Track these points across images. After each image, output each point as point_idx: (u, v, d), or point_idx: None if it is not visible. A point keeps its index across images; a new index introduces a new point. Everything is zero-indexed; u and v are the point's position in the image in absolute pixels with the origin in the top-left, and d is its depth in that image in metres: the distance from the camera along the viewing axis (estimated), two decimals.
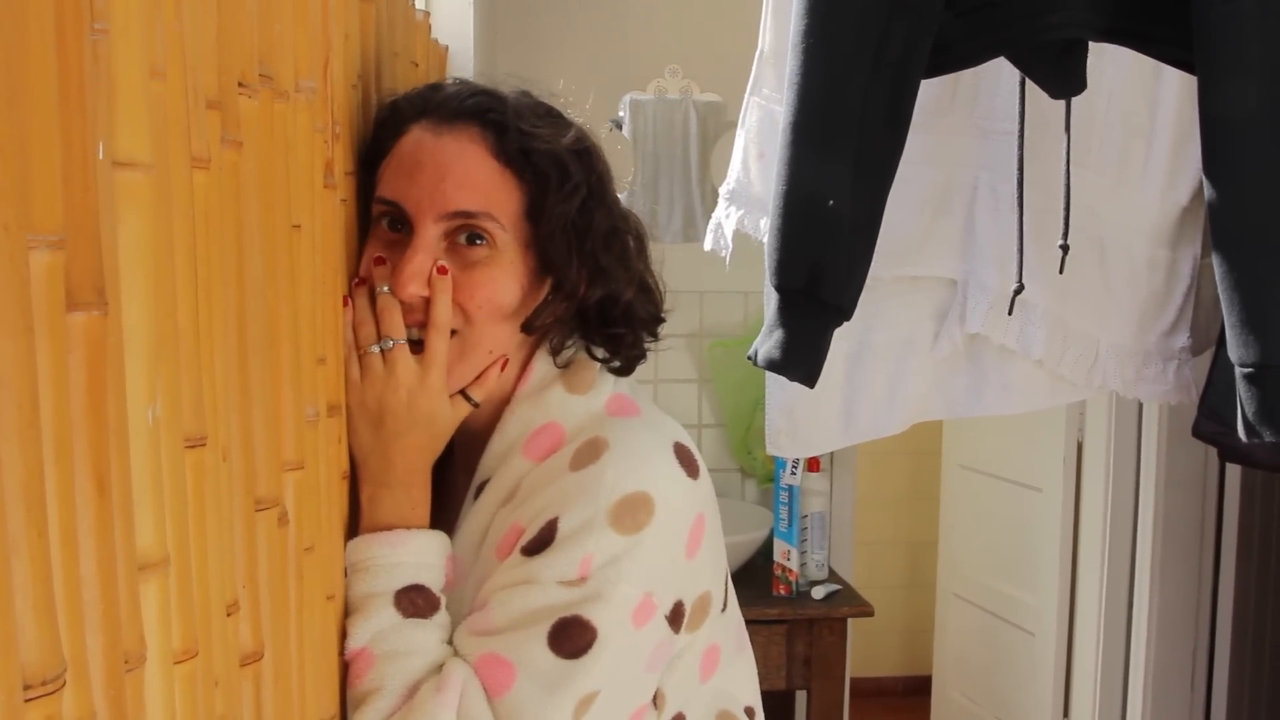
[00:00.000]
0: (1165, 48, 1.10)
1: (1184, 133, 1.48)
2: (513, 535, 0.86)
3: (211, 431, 0.54)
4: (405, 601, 0.85)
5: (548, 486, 0.86)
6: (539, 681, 0.81)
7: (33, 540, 0.37)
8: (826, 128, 1.03)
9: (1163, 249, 1.53)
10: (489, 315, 0.87)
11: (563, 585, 0.82)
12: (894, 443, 1.73)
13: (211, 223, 0.55)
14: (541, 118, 0.89)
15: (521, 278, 0.89)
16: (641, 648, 0.86)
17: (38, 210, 0.38)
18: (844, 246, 1.06)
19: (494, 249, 0.87)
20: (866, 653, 3.83)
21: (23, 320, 0.37)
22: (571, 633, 0.81)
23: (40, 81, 0.38)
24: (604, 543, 0.82)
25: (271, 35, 0.67)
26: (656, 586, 0.85)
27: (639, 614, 0.84)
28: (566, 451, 0.87)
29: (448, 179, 0.85)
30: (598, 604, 0.82)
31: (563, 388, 0.91)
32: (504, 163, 0.86)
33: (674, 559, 0.86)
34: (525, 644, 0.82)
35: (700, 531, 0.88)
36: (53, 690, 0.38)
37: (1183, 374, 1.56)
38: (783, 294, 1.05)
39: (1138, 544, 2.50)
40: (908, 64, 1.06)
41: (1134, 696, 2.52)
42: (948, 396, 1.53)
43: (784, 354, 1.06)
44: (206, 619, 0.54)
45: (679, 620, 0.88)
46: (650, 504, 0.84)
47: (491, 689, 0.81)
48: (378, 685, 0.82)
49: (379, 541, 0.86)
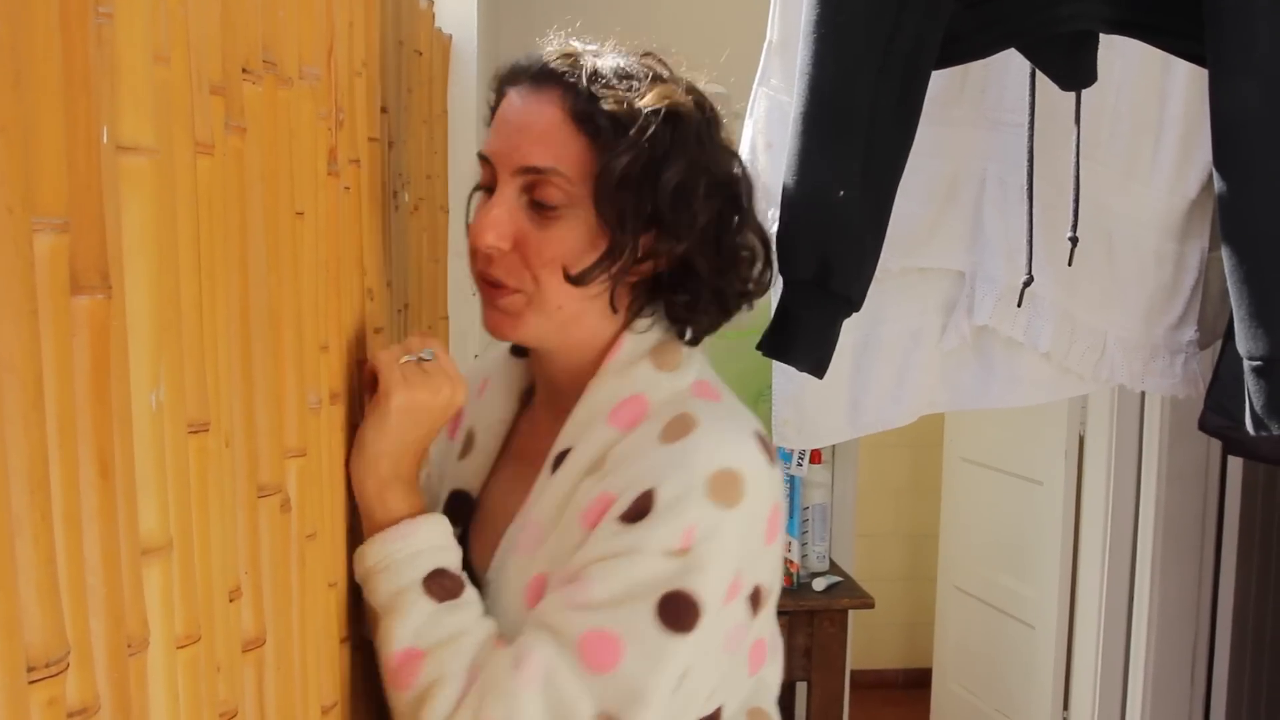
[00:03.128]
0: (1176, 40, 1.10)
1: (1193, 126, 1.47)
2: (602, 504, 0.85)
3: (214, 417, 0.54)
4: (435, 587, 0.85)
5: (639, 458, 0.86)
6: (646, 656, 0.80)
7: (37, 523, 0.37)
8: (837, 119, 1.03)
9: (1170, 242, 1.52)
10: (553, 272, 0.88)
11: (667, 555, 0.81)
12: (895, 435, 1.73)
13: (215, 208, 0.55)
14: (622, 78, 0.89)
15: (591, 237, 0.88)
16: (726, 626, 0.86)
17: (42, 193, 0.38)
18: (853, 238, 1.06)
19: (564, 207, 0.87)
20: (867, 645, 3.83)
21: (27, 303, 0.36)
22: (679, 606, 0.81)
23: (45, 65, 0.38)
24: (705, 514, 0.82)
25: (275, 21, 0.66)
26: (744, 566, 0.85)
27: (730, 591, 0.84)
28: (654, 425, 0.87)
29: (524, 136, 0.88)
30: (701, 576, 0.81)
31: (650, 364, 0.91)
32: (577, 122, 0.87)
33: (757, 541, 0.86)
34: (632, 619, 0.81)
35: (777, 520, 0.89)
36: (56, 673, 0.38)
37: (1190, 367, 1.56)
38: (792, 285, 1.05)
39: (1138, 538, 2.50)
40: (918, 57, 1.06)
41: (1134, 690, 2.52)
42: (955, 388, 1.53)
43: (793, 344, 1.06)
44: (209, 604, 0.54)
45: (757, 605, 0.88)
46: (741, 482, 0.84)
47: (596, 665, 0.80)
48: (437, 675, 0.81)
49: (391, 538, 0.85)
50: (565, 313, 0.90)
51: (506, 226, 0.88)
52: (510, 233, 0.88)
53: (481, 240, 0.88)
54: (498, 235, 0.87)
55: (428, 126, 1.51)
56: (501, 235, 0.88)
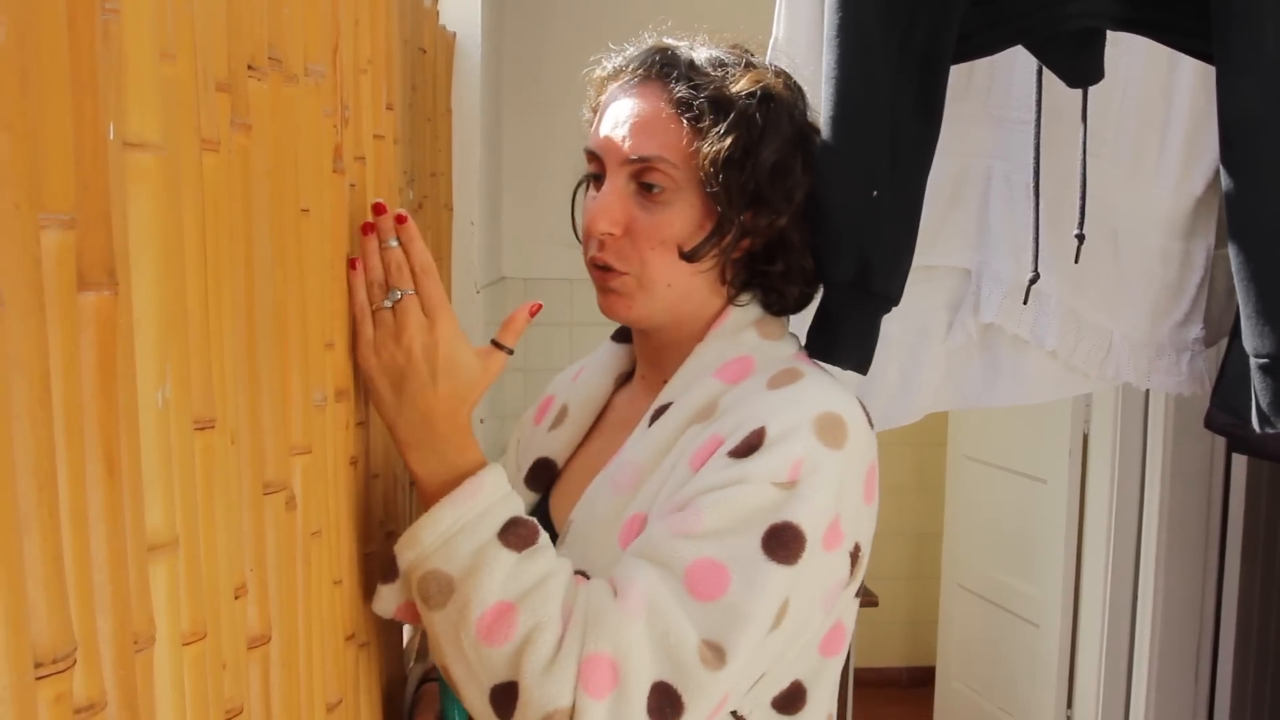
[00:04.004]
0: (1183, 38, 1.10)
1: (1199, 124, 1.47)
2: (711, 445, 0.88)
3: (220, 414, 0.54)
4: (512, 538, 0.83)
5: (748, 403, 0.90)
6: (751, 584, 0.81)
7: (44, 520, 0.37)
8: (864, 120, 1.04)
9: (1176, 240, 1.52)
10: (662, 253, 0.93)
11: (775, 486, 0.84)
12: (899, 433, 1.73)
13: (220, 205, 0.55)
14: (716, 67, 0.95)
15: (698, 217, 0.93)
16: (828, 574, 0.87)
17: (49, 189, 0.38)
18: (889, 236, 1.06)
19: (670, 191, 0.93)
20: (871, 643, 3.83)
21: (34, 299, 0.36)
22: (785, 538, 0.83)
23: (52, 61, 0.38)
24: (812, 449, 0.85)
25: (281, 18, 0.66)
26: (844, 512, 0.87)
27: (830, 534, 0.85)
28: (761, 377, 0.93)
29: (628, 128, 0.94)
30: (806, 508, 0.84)
31: (756, 332, 0.97)
32: (679, 111, 0.93)
33: (856, 492, 0.88)
34: (741, 548, 0.82)
35: (873, 480, 0.92)
36: (63, 669, 0.38)
37: (1195, 365, 1.56)
38: (832, 286, 1.05)
39: (1142, 536, 2.50)
40: (934, 53, 1.06)
41: (1137, 688, 2.52)
42: (961, 387, 1.53)
43: (835, 345, 1.07)
44: (215, 601, 0.54)
45: (856, 564, 0.90)
46: (845, 427, 0.88)
47: (704, 593, 0.81)
48: (535, 621, 0.80)
49: (455, 501, 0.84)
50: (675, 290, 0.95)
51: (618, 213, 0.94)
52: (621, 219, 0.94)
53: (596, 226, 0.94)
54: (610, 221, 0.93)
55: (431, 124, 1.51)
56: (614, 221, 0.94)
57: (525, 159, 2.48)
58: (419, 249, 0.86)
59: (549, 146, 2.47)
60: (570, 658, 0.79)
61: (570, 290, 2.52)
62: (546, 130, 2.48)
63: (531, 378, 2.53)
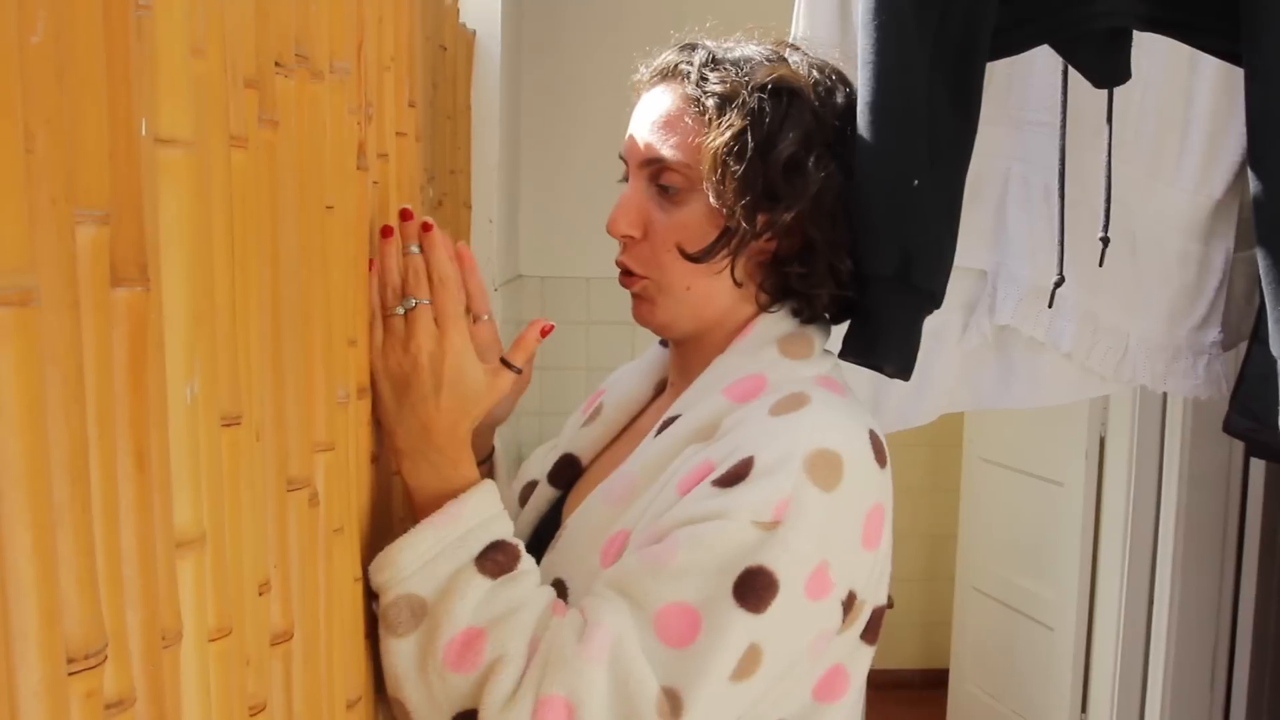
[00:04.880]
0: (1210, 38, 1.09)
1: (1219, 126, 1.46)
2: (702, 471, 0.84)
3: (246, 410, 0.54)
4: (489, 564, 0.82)
5: (745, 428, 0.85)
6: (718, 631, 0.78)
7: (77, 514, 0.37)
8: (902, 107, 1.00)
9: (1195, 243, 1.51)
10: (678, 256, 0.91)
11: (755, 525, 0.80)
12: (915, 434, 1.72)
13: (248, 202, 0.55)
14: (737, 63, 0.91)
15: (712, 215, 0.90)
16: (811, 623, 0.83)
17: (84, 185, 0.38)
18: (931, 230, 1.03)
19: (686, 191, 0.91)
20: (884, 645, 3.77)
21: (69, 295, 0.37)
22: (757, 584, 0.79)
23: (88, 58, 0.38)
24: (800, 489, 0.81)
25: (308, 15, 0.66)
26: (833, 559, 0.82)
27: (814, 582, 0.81)
28: (767, 400, 0.87)
29: (646, 129, 0.93)
30: (785, 553, 0.79)
31: (777, 349, 0.92)
32: (695, 111, 0.91)
33: (851, 537, 0.84)
34: (712, 591, 0.79)
35: (878, 524, 0.86)
36: (94, 665, 0.38)
37: (1213, 369, 1.55)
38: (874, 281, 0.99)
39: (1159, 540, 2.48)
40: (970, 46, 1.04)
41: (1153, 693, 2.50)
42: (975, 388, 1.52)
43: (877, 345, 1.01)
44: (239, 598, 0.54)
45: (849, 611, 0.85)
46: (841, 466, 0.82)
47: (673, 639, 0.78)
48: (499, 652, 0.79)
49: (440, 522, 0.83)
50: (694, 294, 0.92)
51: (634, 215, 0.92)
52: (639, 221, 0.92)
53: (614, 228, 0.92)
54: (627, 223, 0.92)
55: (451, 122, 1.51)
56: (631, 223, 0.92)
57: (543, 157, 2.48)
58: (440, 259, 0.85)
59: (567, 144, 2.47)
60: (528, 696, 0.77)
61: (587, 289, 2.51)
62: (565, 128, 2.48)
63: (548, 376, 2.53)
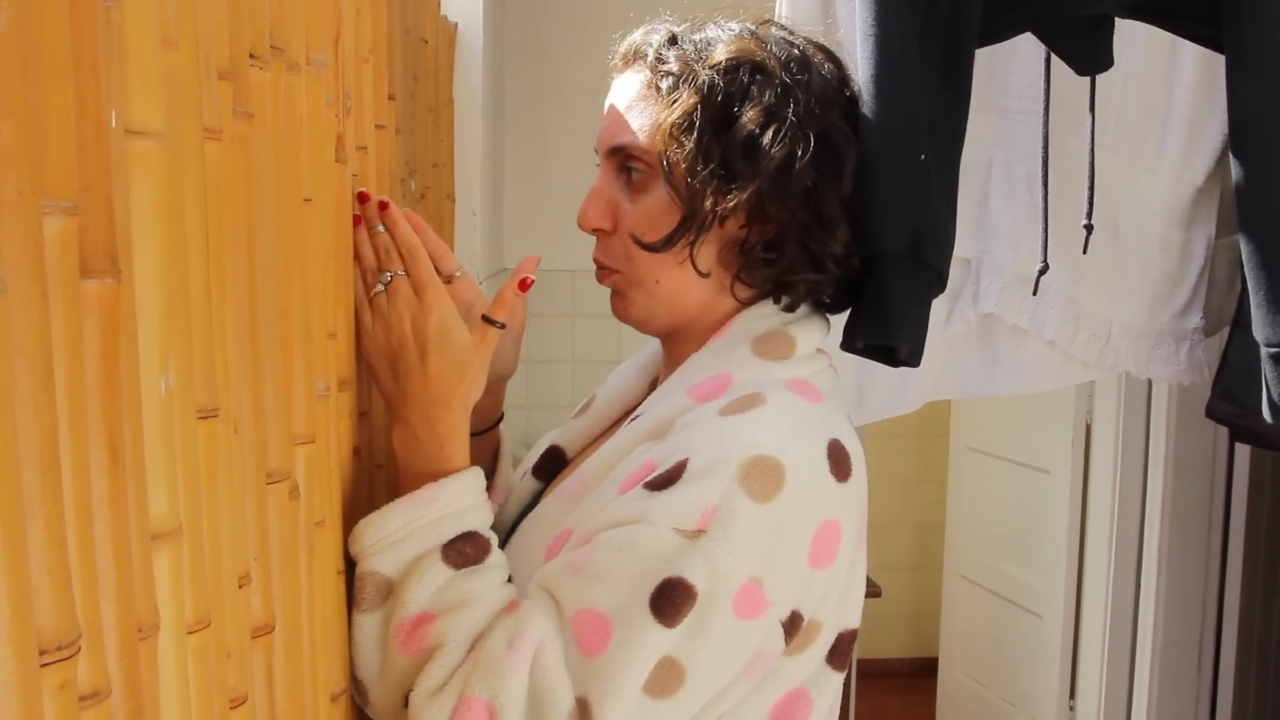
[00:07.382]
0: (1192, 25, 1.09)
1: (1200, 112, 1.47)
2: (644, 470, 0.81)
3: (223, 403, 0.54)
4: (454, 554, 0.81)
5: (692, 428, 0.81)
6: (628, 644, 0.75)
7: (48, 507, 0.37)
8: (904, 78, 0.97)
9: (1177, 229, 1.52)
10: (637, 245, 0.87)
11: (676, 533, 0.75)
12: (901, 424, 1.73)
13: (223, 194, 0.55)
14: (700, 43, 0.87)
15: (672, 201, 0.86)
16: (742, 643, 0.78)
17: (51, 176, 0.38)
18: (937, 206, 1.01)
19: (649, 179, 0.88)
20: (873, 634, 3.84)
21: (36, 286, 0.36)
22: (674, 595, 0.75)
23: (54, 47, 0.38)
24: (730, 498, 0.76)
25: (282, 7, 0.66)
26: (767, 576, 0.77)
27: (743, 599, 0.76)
28: (725, 399, 0.83)
29: (610, 117, 0.90)
30: (705, 565, 0.75)
31: (750, 349, 0.87)
32: (654, 93, 0.87)
33: (794, 555, 0.78)
34: (626, 600, 0.75)
35: (833, 541, 0.80)
36: (67, 656, 0.38)
37: (1195, 355, 1.56)
38: (883, 259, 0.96)
39: (1145, 527, 2.50)
40: (958, 24, 1.03)
41: (1140, 679, 2.52)
42: (959, 376, 1.53)
43: (891, 323, 0.97)
44: (219, 590, 0.54)
45: (794, 634, 0.81)
46: (782, 476, 0.77)
47: (587, 647, 0.76)
48: (440, 640, 0.78)
49: (412, 504, 0.82)
50: (665, 287, 0.88)
51: (603, 206, 0.89)
52: (608, 212, 0.89)
53: (583, 220, 0.90)
54: (596, 215, 0.89)
55: (434, 114, 1.51)
56: (600, 215, 0.89)
57: (527, 149, 2.48)
58: (403, 231, 0.85)
59: (551, 137, 2.46)
60: (453, 692, 0.76)
61: (572, 281, 2.51)
62: (549, 120, 2.47)
63: (533, 369, 2.53)
